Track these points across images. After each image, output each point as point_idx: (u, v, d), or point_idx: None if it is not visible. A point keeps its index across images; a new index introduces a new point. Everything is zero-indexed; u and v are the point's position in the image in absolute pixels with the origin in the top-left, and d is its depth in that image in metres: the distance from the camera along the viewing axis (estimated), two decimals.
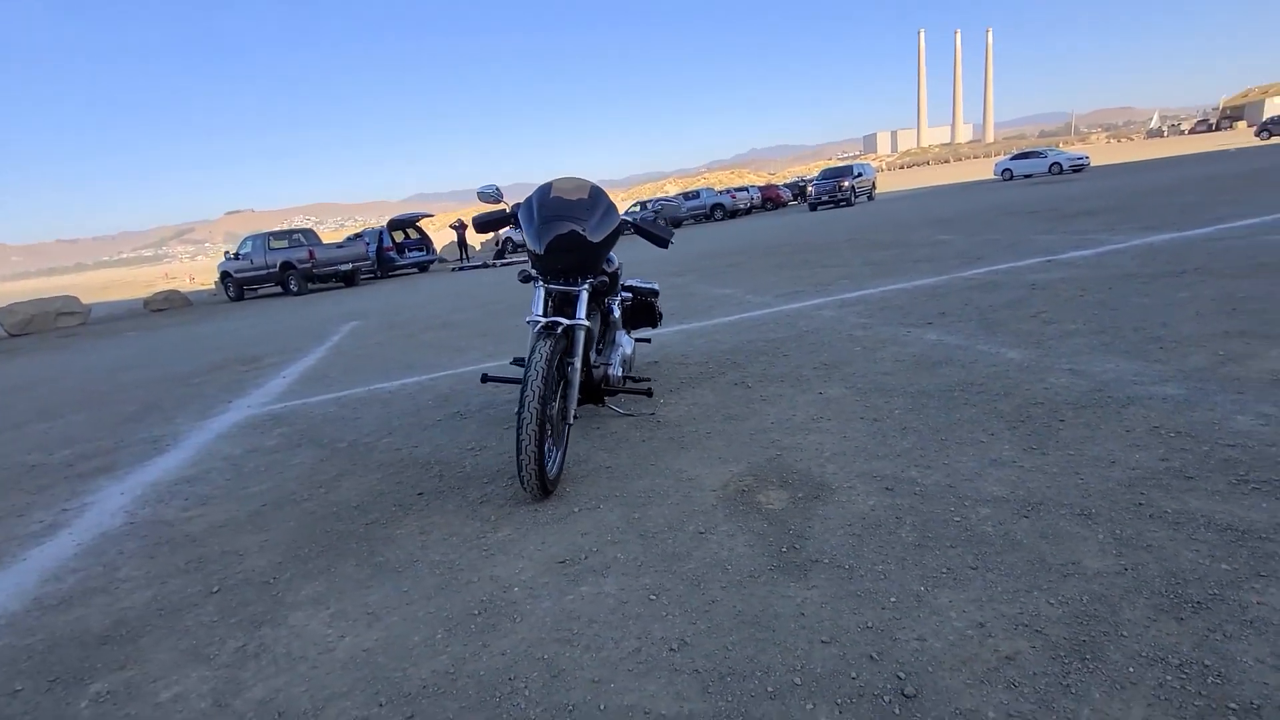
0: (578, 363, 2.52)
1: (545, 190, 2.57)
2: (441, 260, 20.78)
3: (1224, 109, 69.87)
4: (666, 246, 2.76)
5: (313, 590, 2.00)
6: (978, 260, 6.66)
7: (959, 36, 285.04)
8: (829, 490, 2.18)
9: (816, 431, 2.70)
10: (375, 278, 18.43)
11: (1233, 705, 1.17)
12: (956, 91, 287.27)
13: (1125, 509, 1.84)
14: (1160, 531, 1.71)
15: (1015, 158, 30.30)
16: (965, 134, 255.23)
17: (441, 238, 28.18)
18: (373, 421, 3.76)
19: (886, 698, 1.30)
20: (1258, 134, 39.10)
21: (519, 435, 2.20)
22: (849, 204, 25.36)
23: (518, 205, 2.78)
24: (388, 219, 19.71)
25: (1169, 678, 1.25)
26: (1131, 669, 1.28)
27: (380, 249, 18.39)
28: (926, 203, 18.90)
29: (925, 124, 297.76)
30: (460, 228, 22.05)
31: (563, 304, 2.60)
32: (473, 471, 2.78)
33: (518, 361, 3.24)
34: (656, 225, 2.70)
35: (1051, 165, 28.10)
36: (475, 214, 2.94)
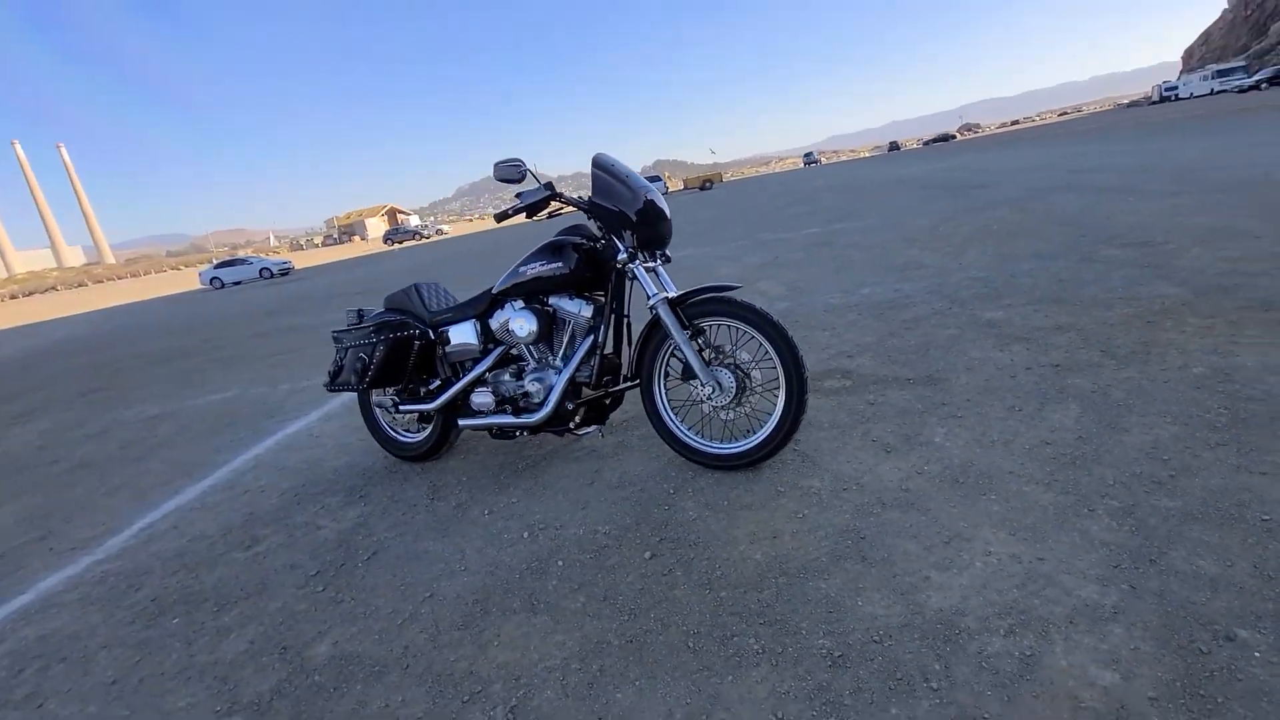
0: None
1: (608, 161, 2.33)
2: None
3: (340, 227, 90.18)
4: None
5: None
6: None
7: (19, 146, 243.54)
8: (853, 373, 3.25)
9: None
10: None
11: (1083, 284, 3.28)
12: (42, 208, 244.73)
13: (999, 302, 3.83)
14: (1011, 313, 3.77)
15: (219, 266, 30.54)
16: (76, 256, 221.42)
17: None
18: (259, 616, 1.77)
19: (1114, 359, 2.77)
20: (385, 241, 52.75)
21: (802, 393, 2.24)
22: None
23: (548, 184, 2.37)
24: None
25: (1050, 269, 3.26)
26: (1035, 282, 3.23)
27: None
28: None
29: (11, 247, 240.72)
30: None
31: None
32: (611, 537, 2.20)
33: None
34: None
35: (261, 270, 29.90)
36: (518, 192, 2.18)
